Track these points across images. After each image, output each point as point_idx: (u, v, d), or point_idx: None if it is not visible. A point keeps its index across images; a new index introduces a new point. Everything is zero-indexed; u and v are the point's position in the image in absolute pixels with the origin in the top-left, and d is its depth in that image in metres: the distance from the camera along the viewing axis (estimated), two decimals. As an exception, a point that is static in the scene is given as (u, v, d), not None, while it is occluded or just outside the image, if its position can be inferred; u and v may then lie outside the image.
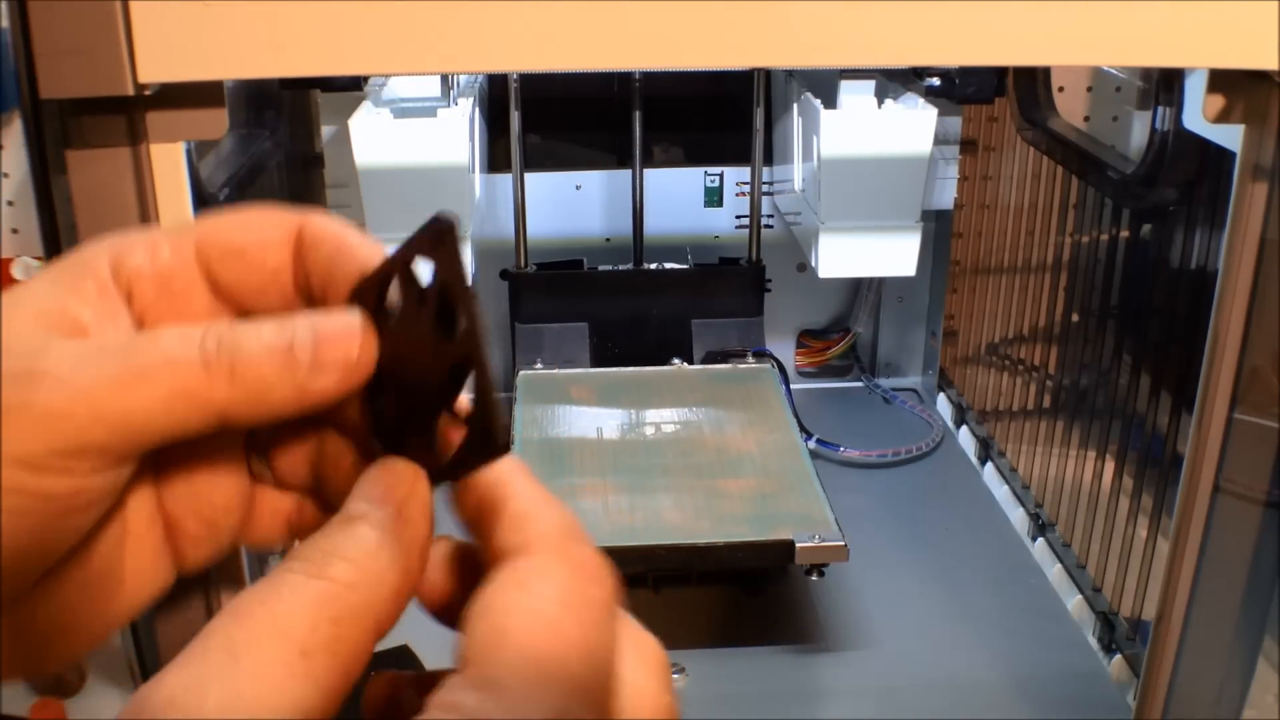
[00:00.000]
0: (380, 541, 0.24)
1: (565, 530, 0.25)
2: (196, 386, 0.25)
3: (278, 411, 0.26)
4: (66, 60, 0.39)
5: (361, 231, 0.28)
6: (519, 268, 0.95)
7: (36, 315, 0.26)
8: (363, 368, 0.26)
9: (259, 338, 0.25)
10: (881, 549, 0.84)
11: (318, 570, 0.23)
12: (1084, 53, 0.44)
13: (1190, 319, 0.64)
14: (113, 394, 0.24)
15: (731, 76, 0.96)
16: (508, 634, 0.23)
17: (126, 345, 0.25)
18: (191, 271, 0.28)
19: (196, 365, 0.25)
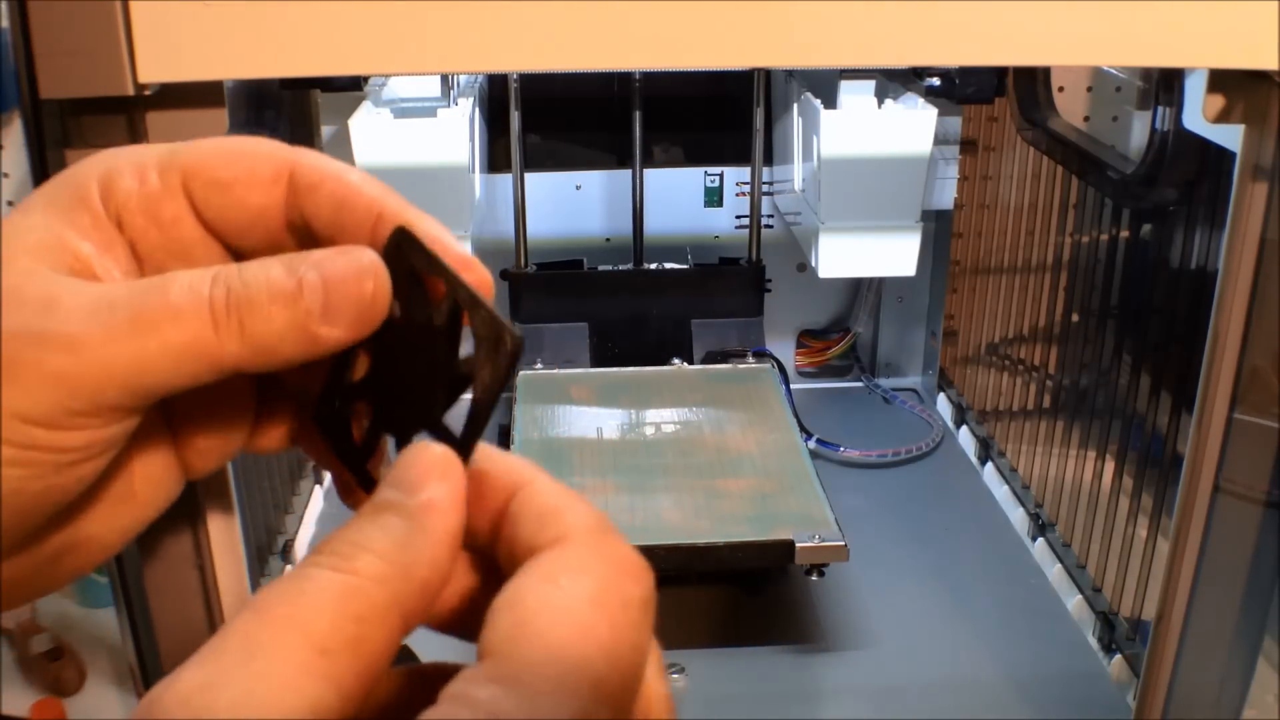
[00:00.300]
0: (409, 532, 0.23)
1: (599, 524, 0.24)
2: (206, 343, 0.24)
3: (289, 361, 0.25)
4: (66, 60, 0.39)
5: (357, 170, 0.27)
6: (519, 268, 0.95)
7: (39, 251, 0.25)
8: (377, 311, 0.25)
9: (268, 286, 0.25)
10: (881, 549, 0.84)
11: (344, 564, 0.22)
12: (1084, 53, 0.44)
13: (1190, 319, 0.64)
14: (123, 354, 0.24)
15: (731, 76, 0.96)
16: (533, 629, 0.21)
17: (133, 298, 0.24)
18: (179, 200, 0.27)
19: (206, 322, 0.24)
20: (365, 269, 0.25)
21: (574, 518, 0.24)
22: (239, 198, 0.27)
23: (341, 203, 0.27)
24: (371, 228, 0.26)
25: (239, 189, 0.27)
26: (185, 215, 0.28)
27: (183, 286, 0.25)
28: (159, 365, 0.24)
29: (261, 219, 0.28)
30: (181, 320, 0.24)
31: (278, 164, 0.27)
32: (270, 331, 0.25)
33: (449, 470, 0.24)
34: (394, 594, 0.22)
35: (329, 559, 0.22)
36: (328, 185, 0.27)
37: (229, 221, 0.28)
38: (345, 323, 0.25)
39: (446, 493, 0.24)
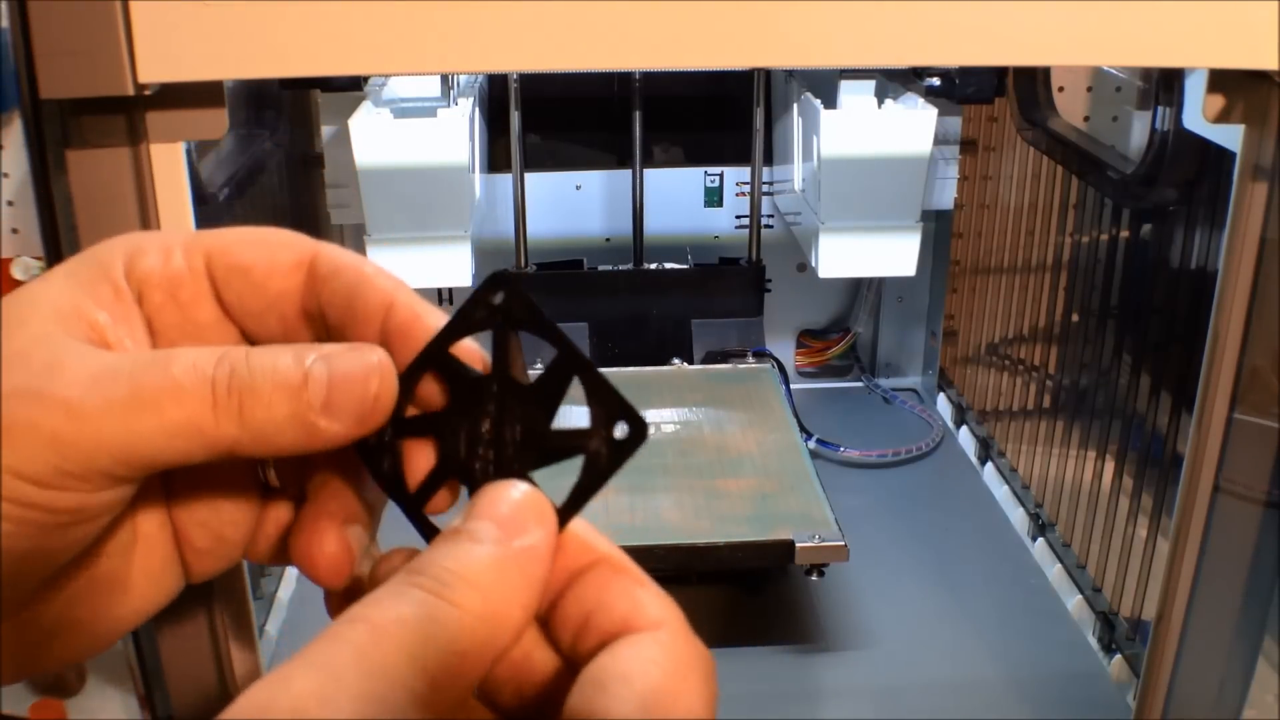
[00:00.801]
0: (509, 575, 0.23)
1: (684, 619, 0.25)
2: (203, 422, 0.24)
3: (286, 450, 0.25)
4: (66, 60, 0.39)
5: (374, 263, 0.28)
6: (519, 268, 0.95)
7: (54, 316, 0.26)
8: (380, 411, 0.26)
9: (273, 373, 0.25)
10: (881, 549, 0.83)
11: (450, 595, 0.22)
12: (1084, 53, 0.44)
13: (1190, 319, 0.64)
14: (119, 423, 0.24)
15: (731, 76, 0.96)
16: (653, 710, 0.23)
17: (137, 369, 0.25)
18: (201, 282, 0.28)
19: (205, 401, 0.24)
20: (372, 368, 0.25)
21: (667, 607, 0.25)
22: (259, 282, 0.28)
23: (354, 291, 0.27)
24: (382, 318, 0.27)
25: (259, 274, 0.28)
26: (205, 297, 0.28)
27: (187, 363, 0.25)
28: (153, 438, 0.24)
29: (278, 304, 0.28)
30: (181, 396, 0.24)
31: (299, 252, 0.28)
32: (269, 419, 0.25)
33: (546, 518, 0.25)
34: (491, 634, 0.23)
35: (434, 585, 0.23)
36: (344, 274, 0.27)
37: (247, 305, 0.28)
38: (346, 420, 0.25)
39: (544, 541, 0.24)
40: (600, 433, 0.26)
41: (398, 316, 0.27)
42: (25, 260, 0.63)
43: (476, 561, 0.23)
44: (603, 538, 0.26)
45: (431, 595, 0.22)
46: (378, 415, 0.26)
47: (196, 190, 0.49)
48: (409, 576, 0.23)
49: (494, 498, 0.25)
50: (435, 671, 0.22)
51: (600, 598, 0.25)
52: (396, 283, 0.27)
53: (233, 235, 0.28)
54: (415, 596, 0.22)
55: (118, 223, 0.43)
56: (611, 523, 0.71)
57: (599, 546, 0.26)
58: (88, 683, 0.66)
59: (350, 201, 0.87)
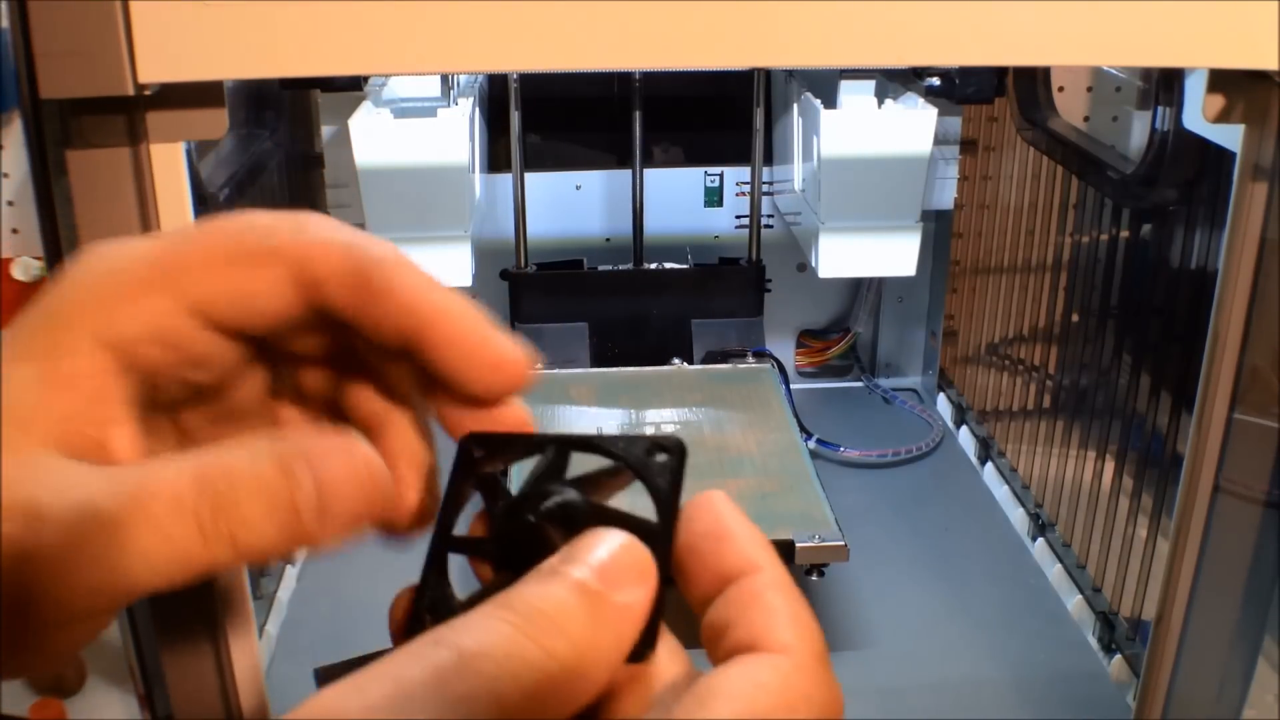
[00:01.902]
0: (602, 630, 0.23)
1: (822, 652, 0.24)
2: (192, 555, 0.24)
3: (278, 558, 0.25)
4: (66, 60, 0.39)
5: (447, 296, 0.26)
6: (519, 268, 0.95)
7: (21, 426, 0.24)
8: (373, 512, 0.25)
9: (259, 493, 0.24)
10: (881, 549, 0.84)
11: (542, 640, 0.22)
12: (1084, 53, 0.44)
13: (1190, 319, 0.64)
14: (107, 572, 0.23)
15: (731, 76, 0.96)
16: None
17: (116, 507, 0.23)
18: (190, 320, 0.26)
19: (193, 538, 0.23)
20: (359, 466, 0.24)
21: (802, 632, 0.24)
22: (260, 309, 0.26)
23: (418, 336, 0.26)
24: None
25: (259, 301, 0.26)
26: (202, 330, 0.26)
27: (166, 500, 0.23)
28: (142, 579, 0.23)
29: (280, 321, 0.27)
30: (167, 535, 0.23)
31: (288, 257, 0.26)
32: (263, 539, 0.24)
33: (648, 574, 0.24)
34: (573, 685, 0.22)
35: (525, 625, 0.22)
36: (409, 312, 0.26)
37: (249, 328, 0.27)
38: (341, 525, 0.24)
39: (642, 599, 0.24)
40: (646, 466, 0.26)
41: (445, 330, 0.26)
42: (25, 260, 0.63)
43: (572, 609, 0.23)
44: (768, 550, 0.26)
45: (520, 634, 0.22)
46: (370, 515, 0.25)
47: (196, 190, 0.49)
48: (500, 611, 0.22)
49: (595, 542, 0.24)
50: (511, 710, 0.21)
51: (743, 610, 0.25)
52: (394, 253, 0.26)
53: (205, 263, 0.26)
54: (504, 631, 0.22)
55: (118, 223, 0.43)
56: (611, 523, 0.71)
57: (758, 557, 0.26)
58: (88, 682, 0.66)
59: (350, 201, 0.87)
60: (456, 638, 0.22)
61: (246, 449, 0.24)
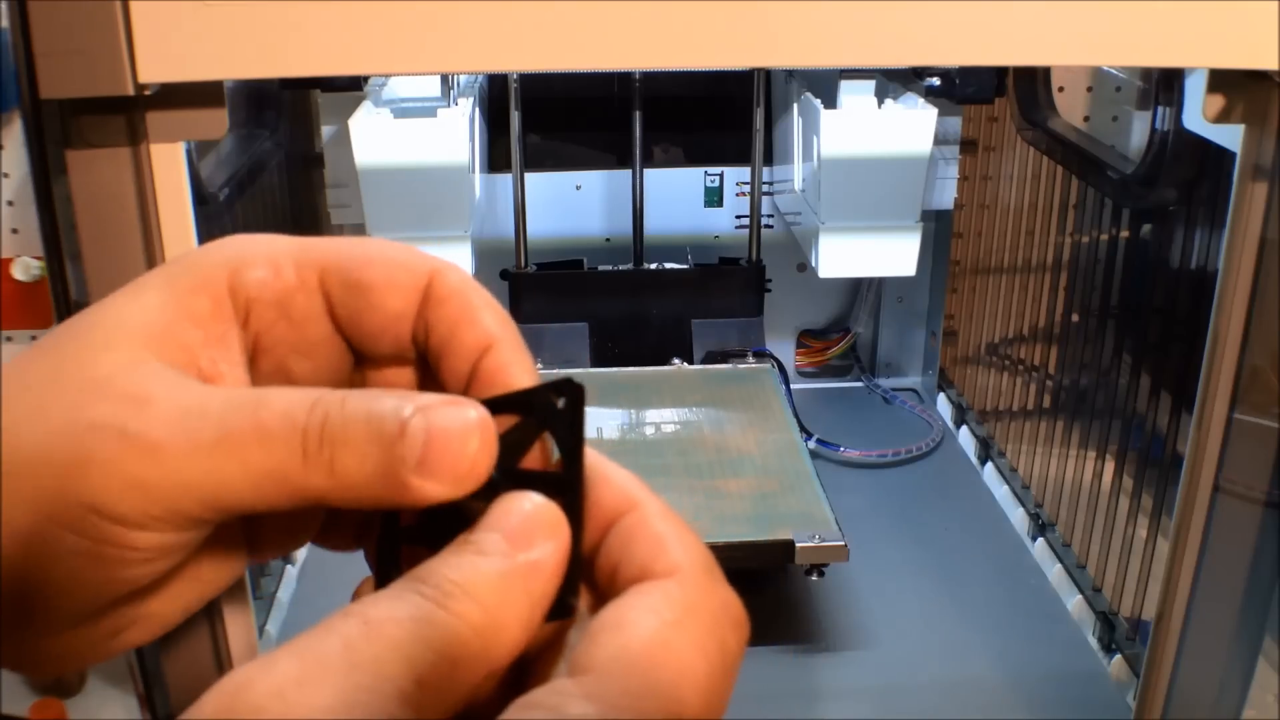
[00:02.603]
0: (511, 590, 0.23)
1: (709, 563, 0.24)
2: (291, 473, 0.23)
3: (374, 505, 0.24)
4: (66, 60, 0.39)
5: (487, 293, 0.27)
6: (519, 268, 0.95)
7: (144, 338, 0.25)
8: (478, 473, 0.24)
9: (367, 424, 0.23)
10: (881, 549, 0.84)
11: (449, 604, 0.22)
12: (1084, 53, 0.44)
13: (1190, 319, 0.64)
14: (204, 468, 0.23)
15: (731, 76, 0.96)
16: (637, 659, 0.22)
17: (227, 411, 0.24)
18: (314, 298, 0.27)
19: (295, 451, 0.23)
20: (471, 427, 0.24)
21: (687, 552, 0.24)
22: (378, 301, 0.27)
23: (458, 322, 0.26)
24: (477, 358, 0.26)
25: (378, 293, 0.27)
26: (318, 313, 0.27)
27: (277, 409, 0.24)
28: (239, 486, 0.23)
29: (395, 325, 0.27)
30: (270, 444, 0.23)
31: (416, 272, 0.27)
32: (360, 473, 0.23)
33: (558, 530, 0.24)
34: (486, 647, 0.22)
35: (434, 593, 0.22)
36: (455, 301, 0.26)
37: (363, 324, 0.27)
38: (442, 480, 0.24)
39: (553, 555, 0.23)
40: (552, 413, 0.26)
41: (490, 362, 0.26)
42: (25, 260, 0.63)
43: (479, 574, 0.23)
44: (643, 487, 0.26)
45: (430, 602, 0.22)
46: (475, 477, 0.24)
47: (196, 190, 0.49)
48: (411, 583, 0.22)
49: (505, 509, 0.24)
50: (425, 675, 0.21)
51: (627, 546, 0.24)
52: (502, 323, 0.26)
53: (349, 249, 0.27)
54: (413, 600, 0.22)
55: (118, 223, 0.43)
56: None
57: (636, 494, 0.25)
58: (88, 683, 0.66)
59: (350, 201, 0.87)
60: (364, 609, 0.22)
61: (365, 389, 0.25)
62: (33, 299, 0.64)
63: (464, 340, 0.26)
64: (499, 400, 0.26)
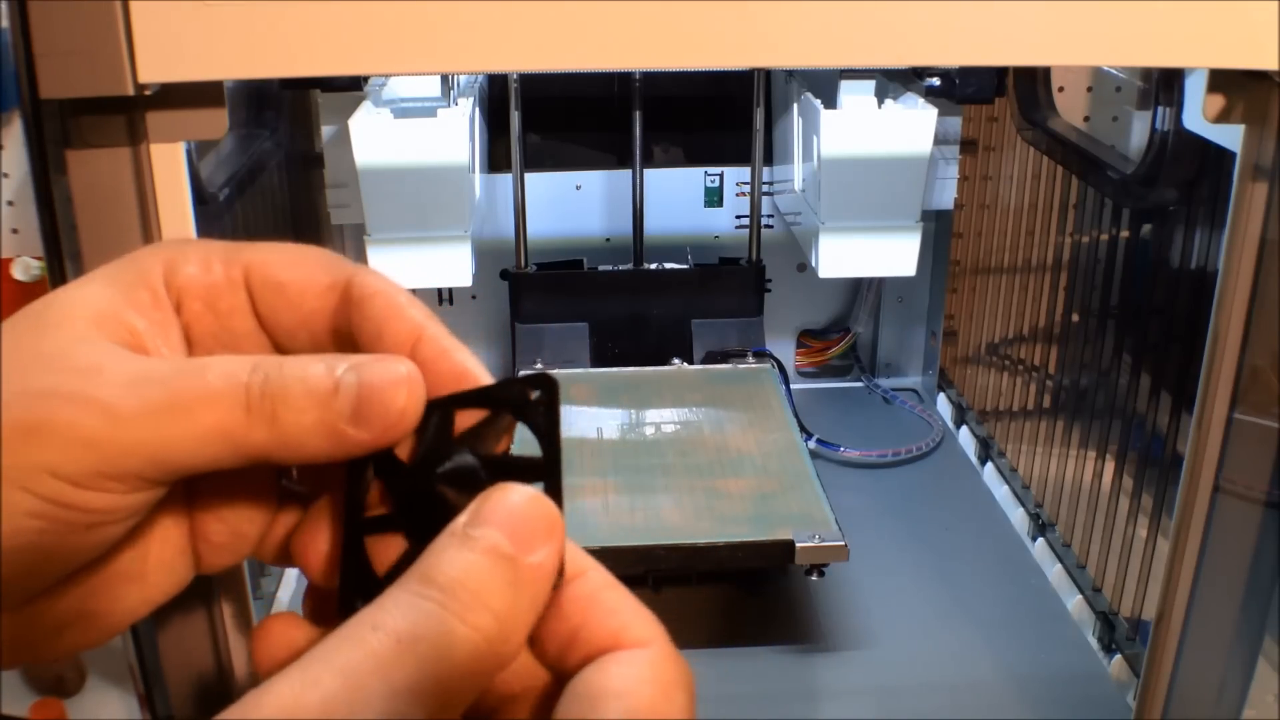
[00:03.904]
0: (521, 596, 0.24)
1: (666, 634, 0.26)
2: (235, 428, 0.25)
3: (314, 458, 0.26)
4: (66, 60, 0.39)
5: (409, 293, 0.28)
6: (519, 268, 0.95)
7: (92, 319, 0.26)
8: (407, 421, 0.26)
9: (304, 381, 0.25)
10: (881, 549, 0.84)
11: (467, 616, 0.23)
12: (1084, 53, 0.44)
13: (1190, 319, 0.64)
14: (155, 427, 0.25)
15: (731, 76, 0.96)
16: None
17: (173, 375, 0.25)
18: (239, 293, 0.29)
19: (239, 407, 0.25)
20: (400, 379, 0.26)
21: (653, 623, 0.26)
22: (294, 299, 0.29)
23: (385, 318, 0.28)
24: (410, 349, 0.28)
25: (294, 291, 0.29)
26: (242, 308, 0.29)
27: (222, 370, 0.25)
28: (186, 444, 0.25)
29: (310, 321, 0.29)
30: (215, 402, 0.25)
31: (334, 274, 0.29)
32: (299, 425, 0.25)
33: (556, 528, 0.25)
34: (496, 657, 0.23)
35: (450, 602, 0.23)
36: (377, 301, 0.28)
37: (281, 320, 0.29)
38: (373, 428, 0.26)
39: (553, 557, 0.25)
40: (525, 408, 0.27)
41: (425, 350, 0.27)
42: (25, 260, 0.63)
43: (491, 581, 0.24)
44: (582, 551, 0.27)
45: (448, 613, 0.23)
46: (404, 425, 0.26)
47: (196, 190, 0.49)
48: (422, 587, 0.23)
49: (504, 503, 0.25)
50: (448, 689, 0.22)
51: (588, 612, 0.26)
52: (427, 315, 0.28)
53: (272, 251, 0.29)
54: (431, 611, 0.23)
55: (118, 223, 0.43)
56: (612, 523, 0.71)
57: (583, 561, 0.27)
58: (88, 683, 0.66)
59: (350, 201, 0.87)
60: (387, 620, 0.23)
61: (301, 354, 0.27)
62: (33, 299, 0.63)
63: (393, 334, 0.28)
64: (475, 395, 0.27)
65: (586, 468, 0.78)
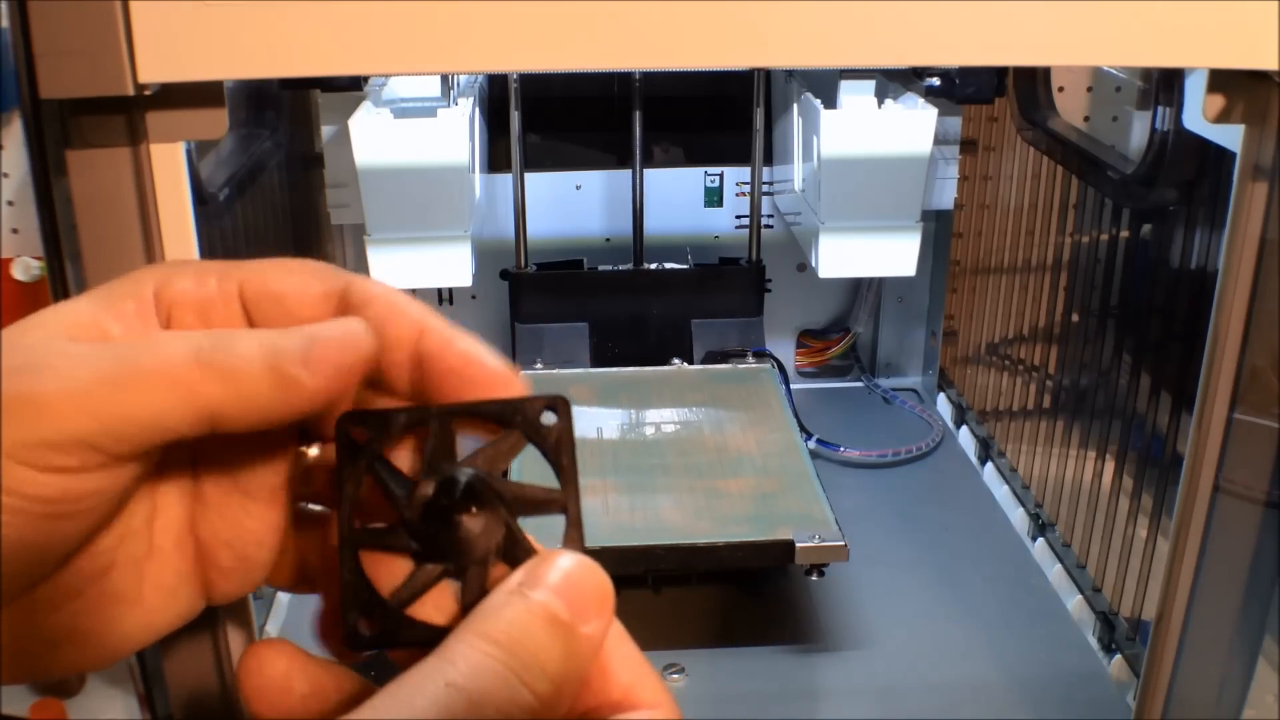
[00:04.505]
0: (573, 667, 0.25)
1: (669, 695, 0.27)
2: (187, 381, 0.25)
3: (268, 413, 0.26)
4: (66, 60, 0.39)
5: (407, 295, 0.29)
6: (519, 268, 0.95)
7: (67, 325, 0.27)
8: (356, 370, 0.26)
9: (255, 336, 0.26)
10: (881, 549, 0.84)
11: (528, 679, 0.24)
12: (1084, 53, 0.44)
13: (1190, 319, 0.64)
14: (103, 388, 0.25)
15: (731, 76, 0.96)
16: None
17: (126, 344, 0.25)
18: (233, 306, 0.29)
19: (189, 361, 0.25)
20: (351, 326, 0.26)
21: (660, 683, 0.27)
22: (290, 309, 0.29)
23: (386, 319, 0.28)
24: (414, 345, 0.28)
25: (291, 301, 0.29)
26: (236, 319, 0.29)
27: (173, 336, 0.26)
28: (136, 400, 0.25)
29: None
30: (166, 360, 0.25)
31: (329, 282, 0.29)
32: (250, 374, 0.25)
33: (607, 604, 0.26)
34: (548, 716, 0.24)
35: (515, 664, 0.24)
36: (375, 304, 0.28)
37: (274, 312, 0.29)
38: (324, 371, 0.26)
39: (603, 630, 0.25)
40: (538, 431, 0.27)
41: (429, 343, 0.28)
42: (25, 260, 0.63)
43: (550, 647, 0.24)
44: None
45: (511, 674, 0.24)
46: (356, 371, 0.26)
47: (196, 190, 0.49)
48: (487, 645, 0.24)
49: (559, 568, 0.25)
50: None
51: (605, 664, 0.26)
52: (425, 311, 0.28)
53: (268, 265, 0.29)
54: (499, 673, 0.24)
55: (118, 223, 0.43)
56: (612, 523, 0.71)
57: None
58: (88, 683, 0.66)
59: (350, 201, 0.87)
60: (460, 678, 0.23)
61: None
62: (33, 299, 0.64)
63: (396, 332, 0.28)
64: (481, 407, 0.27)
65: (586, 468, 0.77)
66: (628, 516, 0.72)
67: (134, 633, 0.28)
